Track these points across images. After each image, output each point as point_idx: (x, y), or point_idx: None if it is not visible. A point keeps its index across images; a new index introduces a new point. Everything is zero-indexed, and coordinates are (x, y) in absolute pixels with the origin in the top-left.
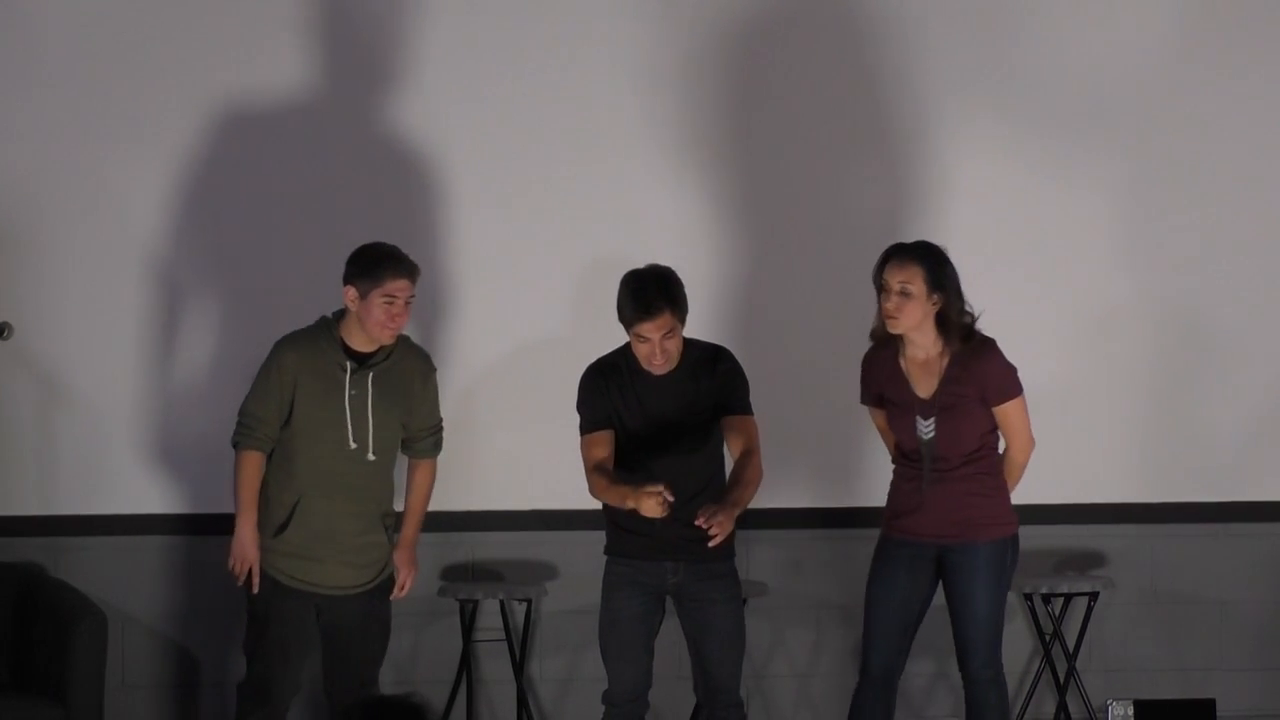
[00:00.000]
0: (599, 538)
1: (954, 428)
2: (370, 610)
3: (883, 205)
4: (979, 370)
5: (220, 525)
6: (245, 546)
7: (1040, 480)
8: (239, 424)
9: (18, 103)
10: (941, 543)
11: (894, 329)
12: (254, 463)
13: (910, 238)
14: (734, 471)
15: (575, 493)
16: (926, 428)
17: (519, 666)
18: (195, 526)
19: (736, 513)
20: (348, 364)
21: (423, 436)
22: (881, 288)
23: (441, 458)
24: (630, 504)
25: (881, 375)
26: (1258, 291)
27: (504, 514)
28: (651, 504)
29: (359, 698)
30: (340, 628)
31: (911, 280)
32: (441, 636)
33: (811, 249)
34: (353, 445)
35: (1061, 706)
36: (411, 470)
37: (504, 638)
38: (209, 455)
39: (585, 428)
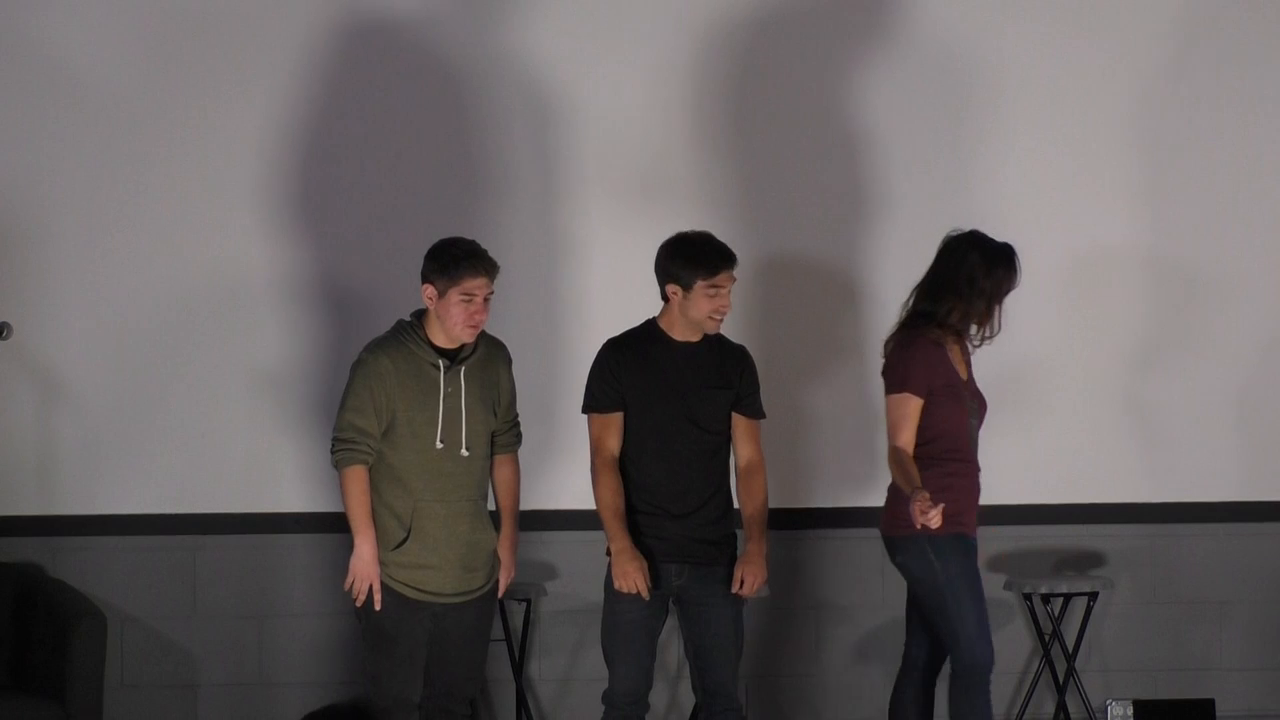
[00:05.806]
0: (599, 538)
1: (982, 414)
2: (481, 617)
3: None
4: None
5: (220, 525)
6: (367, 565)
7: (1040, 480)
8: (340, 441)
9: (17, 103)
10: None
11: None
12: (364, 479)
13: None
14: (748, 509)
15: (575, 493)
16: (973, 411)
17: (518, 666)
18: (195, 526)
19: (765, 555)
20: (441, 362)
21: (506, 429)
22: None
23: None
24: (616, 552)
25: (939, 363)
26: (1259, 292)
27: None
28: (634, 578)
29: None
30: (452, 636)
31: None
32: None
33: (815, 240)
34: (442, 444)
35: (1061, 706)
36: (496, 469)
37: (504, 638)
38: (209, 455)
39: (597, 405)
